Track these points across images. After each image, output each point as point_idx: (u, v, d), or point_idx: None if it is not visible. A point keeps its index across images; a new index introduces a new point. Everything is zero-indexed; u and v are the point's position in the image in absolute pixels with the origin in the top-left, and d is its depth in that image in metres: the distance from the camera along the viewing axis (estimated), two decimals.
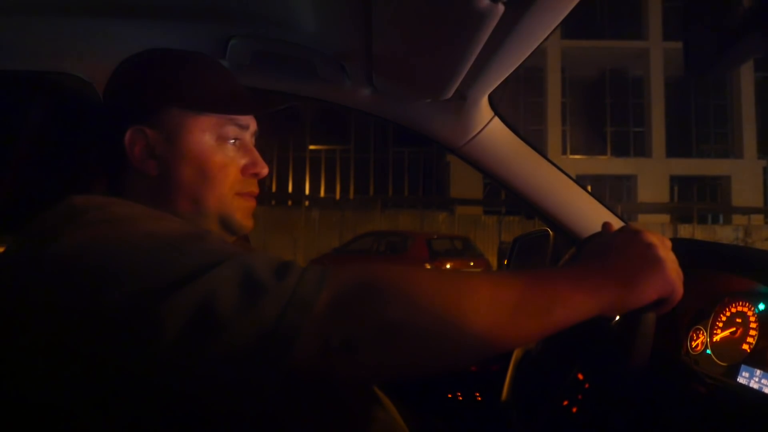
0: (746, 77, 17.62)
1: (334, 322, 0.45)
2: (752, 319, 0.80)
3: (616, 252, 0.57)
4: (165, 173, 0.66)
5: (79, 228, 0.50)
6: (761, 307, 0.79)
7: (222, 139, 0.68)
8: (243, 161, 0.70)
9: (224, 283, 0.45)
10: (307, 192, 19.11)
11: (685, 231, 14.64)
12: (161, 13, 0.94)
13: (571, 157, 18.03)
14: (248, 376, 0.44)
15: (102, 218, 0.52)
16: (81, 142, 0.83)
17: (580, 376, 0.68)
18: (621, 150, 18.54)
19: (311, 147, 19.01)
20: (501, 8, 0.66)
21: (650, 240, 0.58)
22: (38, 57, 1.04)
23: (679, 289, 0.57)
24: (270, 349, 0.44)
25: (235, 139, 0.69)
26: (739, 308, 0.83)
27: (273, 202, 15.00)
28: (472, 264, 9.00)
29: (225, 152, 0.68)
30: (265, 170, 0.71)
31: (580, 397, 0.67)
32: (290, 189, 19.00)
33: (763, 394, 0.72)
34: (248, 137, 0.72)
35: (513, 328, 0.52)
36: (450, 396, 1.22)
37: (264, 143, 0.75)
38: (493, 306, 0.50)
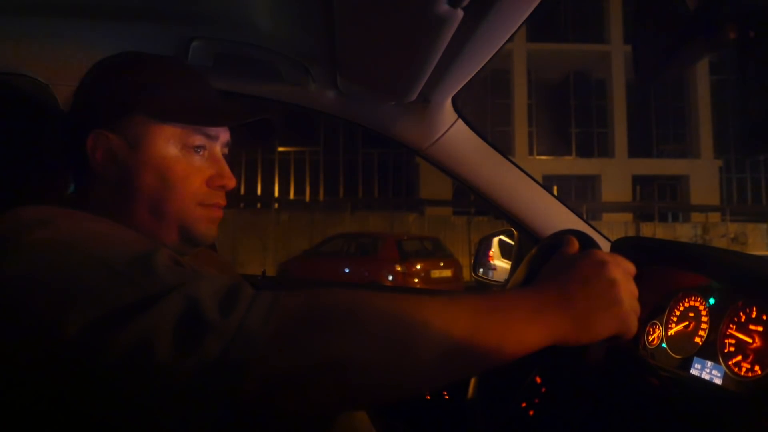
0: (702, 80, 18.25)
1: (280, 356, 0.44)
2: (704, 313, 0.84)
3: (577, 284, 0.55)
4: (125, 180, 0.65)
5: (20, 251, 0.49)
6: (711, 301, 0.83)
7: (187, 148, 0.66)
8: (210, 172, 0.68)
9: (165, 321, 0.44)
10: (276, 194, 18.90)
11: (647, 229, 15.05)
12: (120, 14, 0.92)
13: (538, 157, 18.34)
14: (192, 414, 0.43)
15: (45, 238, 0.50)
16: (40, 144, 0.81)
17: (538, 380, 0.69)
18: (585, 151, 18.94)
19: (280, 149, 18.79)
20: (460, 14, 0.67)
21: (614, 276, 0.56)
22: None
23: (633, 329, 0.57)
24: (213, 387, 0.43)
25: (202, 148, 0.68)
26: (692, 303, 0.87)
27: (242, 205, 14.77)
28: (442, 264, 9.06)
29: (189, 162, 0.67)
30: (232, 183, 0.70)
31: (537, 400, 0.68)
32: (259, 191, 18.74)
33: (714, 384, 0.76)
34: (218, 148, 0.70)
35: (463, 361, 0.51)
36: None
37: (234, 147, 0.74)
38: (446, 339, 0.49)
